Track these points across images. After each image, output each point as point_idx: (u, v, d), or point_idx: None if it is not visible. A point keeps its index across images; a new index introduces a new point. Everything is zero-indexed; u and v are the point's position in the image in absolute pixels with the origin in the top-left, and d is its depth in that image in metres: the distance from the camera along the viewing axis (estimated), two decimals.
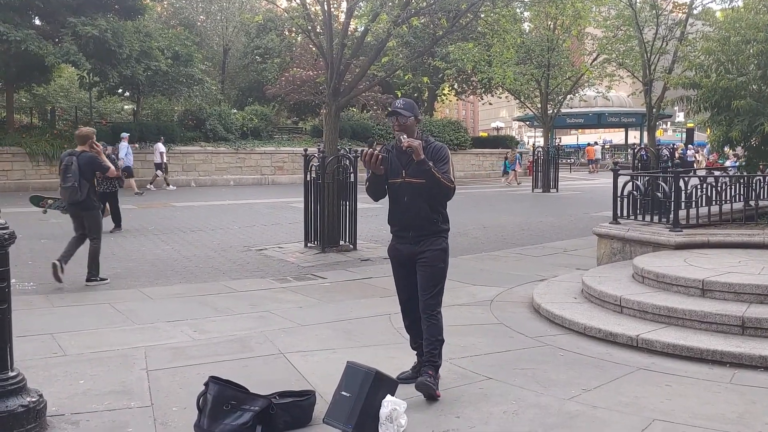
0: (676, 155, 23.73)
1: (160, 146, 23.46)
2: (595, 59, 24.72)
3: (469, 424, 3.96)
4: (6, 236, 3.69)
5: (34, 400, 3.74)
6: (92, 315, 6.59)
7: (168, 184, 23.54)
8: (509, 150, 32.78)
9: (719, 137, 9.87)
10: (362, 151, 4.36)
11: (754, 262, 6.67)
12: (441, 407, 4.18)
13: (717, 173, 10.42)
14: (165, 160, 23.61)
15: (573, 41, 25.42)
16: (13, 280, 3.87)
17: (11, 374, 3.72)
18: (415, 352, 4.68)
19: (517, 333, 5.96)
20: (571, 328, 5.97)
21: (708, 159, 33.23)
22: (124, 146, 21.32)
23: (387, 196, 4.54)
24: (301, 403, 3.97)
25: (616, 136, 57.63)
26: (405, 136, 4.29)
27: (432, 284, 4.38)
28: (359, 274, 8.94)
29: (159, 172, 23.24)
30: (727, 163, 23.60)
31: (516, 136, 58.70)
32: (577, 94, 28.54)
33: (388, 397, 3.85)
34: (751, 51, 9.14)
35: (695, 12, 17.20)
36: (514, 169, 29.55)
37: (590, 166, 40.56)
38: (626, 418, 4.00)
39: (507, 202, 20.73)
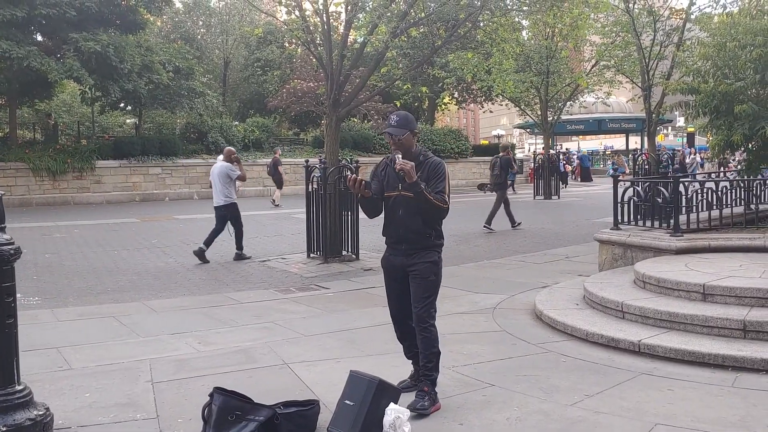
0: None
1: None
2: (594, 66, 24.81)
3: (472, 431, 3.98)
4: (11, 252, 3.74)
5: (40, 413, 3.77)
6: (97, 328, 6.63)
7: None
8: (617, 155, 34.95)
9: (720, 141, 9.91)
10: (346, 176, 4.41)
11: (755, 265, 6.68)
12: (444, 415, 4.21)
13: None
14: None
15: (570, 50, 25.52)
16: (18, 295, 3.91)
17: (18, 388, 3.75)
18: (411, 362, 4.69)
19: (519, 340, 5.98)
20: (574, 335, 5.99)
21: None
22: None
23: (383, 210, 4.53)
24: (305, 412, 4.00)
25: (617, 142, 57.66)
26: (400, 157, 4.24)
27: (423, 296, 4.37)
28: (362, 283, 8.97)
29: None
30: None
31: (517, 143, 58.89)
32: (576, 101, 28.60)
33: (392, 405, 3.88)
34: (747, 56, 9.17)
35: (692, 17, 17.25)
36: (624, 172, 30.04)
37: None
38: (628, 423, 4.02)
39: None
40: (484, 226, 14.49)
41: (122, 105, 28.12)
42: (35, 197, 22.69)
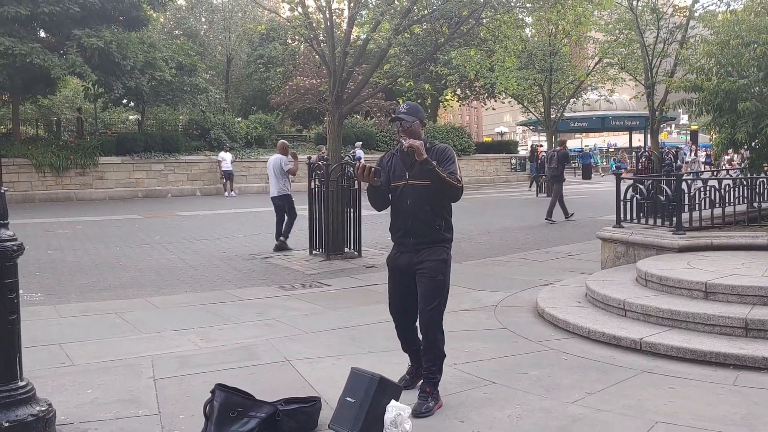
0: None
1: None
2: (597, 63, 24.76)
3: (473, 428, 3.98)
4: (14, 248, 3.74)
5: (43, 409, 3.77)
6: (99, 325, 6.65)
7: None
8: (621, 152, 37.26)
9: (724, 139, 9.89)
10: (356, 165, 4.35)
11: (757, 263, 6.67)
12: (445, 412, 4.21)
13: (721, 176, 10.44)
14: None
15: (573, 46, 25.48)
16: (20, 291, 3.92)
17: (21, 384, 3.76)
18: (408, 355, 4.63)
19: (521, 338, 5.98)
20: (575, 332, 5.99)
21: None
22: (359, 152, 25.44)
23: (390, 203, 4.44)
24: (306, 409, 4.01)
25: (621, 139, 57.54)
26: (407, 138, 4.21)
27: (431, 297, 4.23)
28: (364, 280, 8.98)
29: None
30: None
31: (520, 141, 58.81)
32: (580, 98, 28.54)
33: (393, 402, 3.89)
34: (751, 54, 9.15)
35: (696, 15, 17.22)
36: (626, 168, 30.15)
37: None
38: (629, 421, 4.02)
39: (511, 207, 20.74)
40: (546, 219, 15.69)
41: (125, 101, 28.14)
42: (38, 193, 22.72)
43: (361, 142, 28.26)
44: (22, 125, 26.67)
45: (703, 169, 28.72)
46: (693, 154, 34.74)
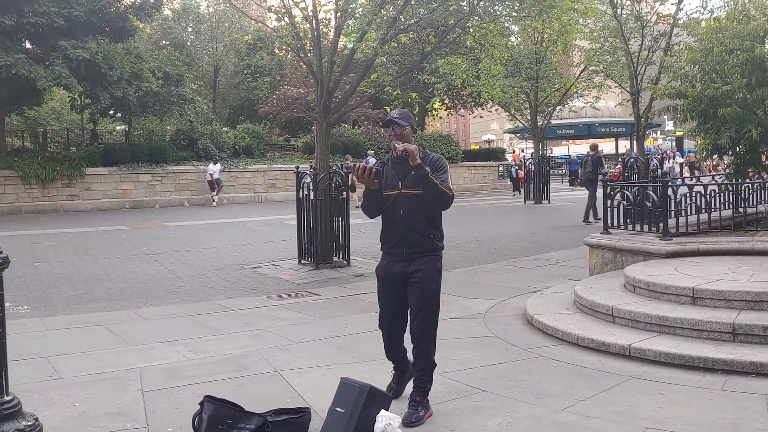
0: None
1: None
2: (583, 71, 24.91)
3: None
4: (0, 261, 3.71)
5: (29, 423, 3.73)
6: (87, 337, 6.59)
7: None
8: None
9: (708, 145, 9.98)
10: (356, 166, 4.32)
11: (743, 268, 6.72)
12: (435, 421, 4.20)
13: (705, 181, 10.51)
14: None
15: (560, 54, 25.61)
16: (7, 304, 3.88)
17: (6, 398, 3.71)
18: (393, 364, 4.59)
19: (510, 345, 5.99)
20: (564, 339, 6.00)
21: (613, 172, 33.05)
22: (372, 160, 24.86)
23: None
24: (296, 420, 3.99)
25: (607, 146, 57.88)
26: (400, 142, 4.17)
27: (425, 306, 4.21)
28: (353, 290, 8.96)
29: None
30: None
31: (507, 148, 59.09)
32: (566, 105, 28.68)
33: (382, 412, 3.88)
34: (734, 60, 9.24)
35: (680, 22, 17.36)
36: (605, 173, 30.24)
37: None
38: (619, 428, 4.03)
39: (499, 215, 20.80)
40: (583, 222, 16.25)
41: (112, 112, 28.02)
42: (24, 205, 22.56)
43: (372, 151, 27.96)
44: (7, 137, 26.50)
45: (687, 174, 28.85)
46: (670, 161, 34.40)
